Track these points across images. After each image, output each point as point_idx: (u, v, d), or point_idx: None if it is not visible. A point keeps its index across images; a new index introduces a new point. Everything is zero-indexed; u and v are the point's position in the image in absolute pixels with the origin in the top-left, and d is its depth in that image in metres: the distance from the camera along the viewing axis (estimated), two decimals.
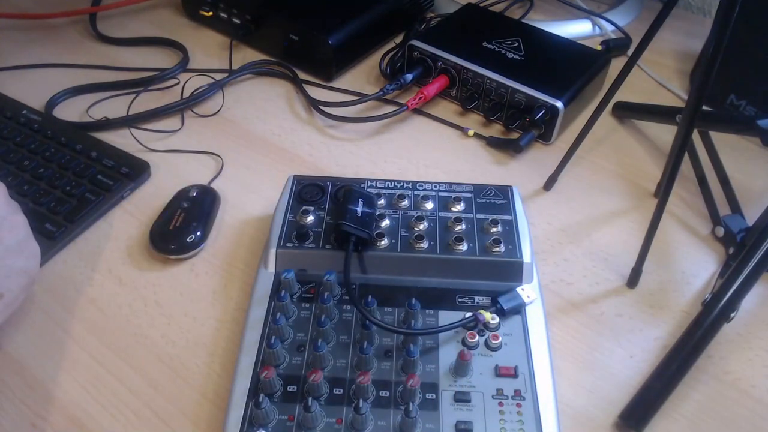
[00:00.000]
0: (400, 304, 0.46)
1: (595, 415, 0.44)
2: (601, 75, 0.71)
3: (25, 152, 0.62)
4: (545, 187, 0.62)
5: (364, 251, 0.48)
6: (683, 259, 0.55)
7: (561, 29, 0.80)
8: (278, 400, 0.41)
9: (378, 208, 0.51)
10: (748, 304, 0.50)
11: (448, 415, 0.40)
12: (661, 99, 0.74)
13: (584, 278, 0.53)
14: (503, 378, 0.42)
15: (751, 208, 0.57)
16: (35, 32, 0.82)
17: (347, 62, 0.76)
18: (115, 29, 0.82)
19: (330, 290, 0.46)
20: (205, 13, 0.82)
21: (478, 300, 0.47)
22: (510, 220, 0.50)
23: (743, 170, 0.63)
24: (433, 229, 0.50)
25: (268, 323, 0.44)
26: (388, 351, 0.43)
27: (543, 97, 0.64)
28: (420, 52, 0.71)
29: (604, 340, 0.49)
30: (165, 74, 0.74)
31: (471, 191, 0.53)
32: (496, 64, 0.68)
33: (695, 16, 0.92)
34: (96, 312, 0.50)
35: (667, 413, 0.44)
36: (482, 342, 0.44)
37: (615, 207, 0.60)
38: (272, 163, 0.63)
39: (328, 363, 0.43)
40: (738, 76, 0.67)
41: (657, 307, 0.51)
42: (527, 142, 0.64)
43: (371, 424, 0.39)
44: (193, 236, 0.54)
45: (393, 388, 0.41)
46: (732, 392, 0.46)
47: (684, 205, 0.60)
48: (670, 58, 0.81)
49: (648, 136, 0.68)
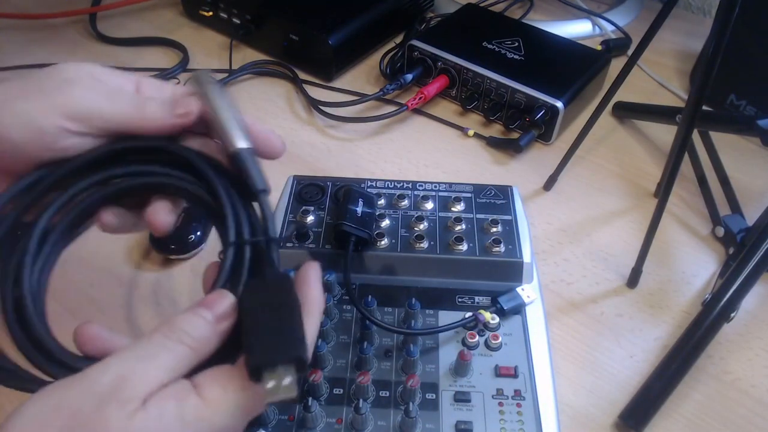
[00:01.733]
0: (400, 304, 0.46)
1: (595, 415, 0.44)
2: (601, 75, 0.71)
3: None
4: (545, 187, 0.62)
5: (364, 251, 0.48)
6: (683, 259, 0.55)
7: (561, 29, 0.80)
8: None
9: (378, 208, 0.51)
10: (748, 304, 0.50)
11: (448, 415, 0.40)
12: (661, 99, 0.74)
13: (584, 278, 0.53)
14: (503, 378, 0.42)
15: (751, 208, 0.58)
16: (35, 32, 0.82)
17: (347, 62, 0.76)
18: (115, 29, 0.82)
19: (330, 290, 0.46)
20: (205, 13, 0.82)
21: (478, 300, 0.47)
22: (510, 220, 0.50)
23: (743, 170, 0.63)
24: (433, 229, 0.50)
25: None
26: (388, 351, 0.43)
27: (543, 97, 0.64)
28: (420, 52, 0.71)
29: (604, 340, 0.49)
30: (165, 74, 0.74)
31: (471, 191, 0.53)
32: (496, 64, 0.68)
33: (695, 16, 0.92)
34: (96, 312, 0.50)
35: (667, 413, 0.44)
36: (482, 342, 0.44)
37: (615, 207, 0.60)
38: (272, 163, 0.63)
39: (328, 363, 0.43)
40: (738, 76, 0.67)
41: (657, 307, 0.51)
42: (527, 142, 0.64)
43: (371, 424, 0.39)
44: (193, 236, 0.54)
45: (393, 388, 0.41)
46: (732, 392, 0.46)
47: (684, 205, 0.60)
48: (670, 58, 0.81)
49: (648, 136, 0.68)
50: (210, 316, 0.29)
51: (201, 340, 0.29)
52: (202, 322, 0.29)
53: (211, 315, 0.29)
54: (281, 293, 0.29)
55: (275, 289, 0.30)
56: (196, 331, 0.29)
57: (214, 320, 0.29)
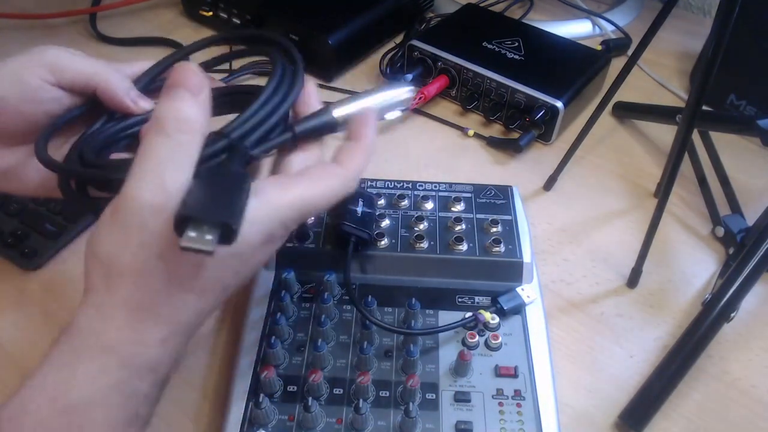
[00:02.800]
0: (400, 304, 0.46)
1: (595, 415, 0.44)
2: (601, 75, 0.71)
3: None
4: (545, 187, 0.62)
5: (364, 251, 0.48)
6: (683, 259, 0.55)
7: (561, 29, 0.80)
8: (278, 400, 0.41)
9: (378, 208, 0.51)
10: (748, 304, 0.50)
11: (448, 415, 0.40)
12: (661, 99, 0.74)
13: (584, 278, 0.53)
14: (503, 378, 0.42)
15: (751, 208, 0.57)
16: (35, 32, 0.82)
17: (347, 62, 0.76)
18: (115, 29, 0.82)
19: (330, 290, 0.46)
20: (205, 13, 0.82)
21: (478, 300, 0.47)
22: (510, 220, 0.50)
23: (743, 170, 0.63)
24: (433, 229, 0.50)
25: (268, 323, 0.44)
26: (388, 351, 0.44)
27: (543, 97, 0.64)
28: (420, 52, 0.71)
29: (604, 340, 0.49)
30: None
31: (471, 191, 0.53)
32: (496, 64, 0.68)
33: (695, 16, 0.92)
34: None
35: (667, 413, 0.44)
36: (482, 342, 0.44)
37: (615, 207, 0.60)
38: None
39: (328, 363, 0.43)
40: (738, 76, 0.67)
41: (657, 307, 0.51)
42: (527, 142, 0.64)
43: (371, 424, 0.39)
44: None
45: (393, 388, 0.41)
46: (732, 392, 0.46)
47: (684, 205, 0.60)
48: (670, 58, 0.81)
49: (648, 136, 0.68)
50: (185, 93, 0.31)
51: (195, 121, 0.31)
52: (184, 103, 0.31)
53: (185, 91, 0.31)
54: (236, 180, 0.31)
55: (233, 176, 0.31)
56: (183, 112, 0.30)
57: (191, 95, 0.31)
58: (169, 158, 0.29)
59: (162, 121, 0.30)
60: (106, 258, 0.30)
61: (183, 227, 0.27)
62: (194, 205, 0.28)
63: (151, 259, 0.29)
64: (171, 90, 0.31)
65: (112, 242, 0.30)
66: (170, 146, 0.30)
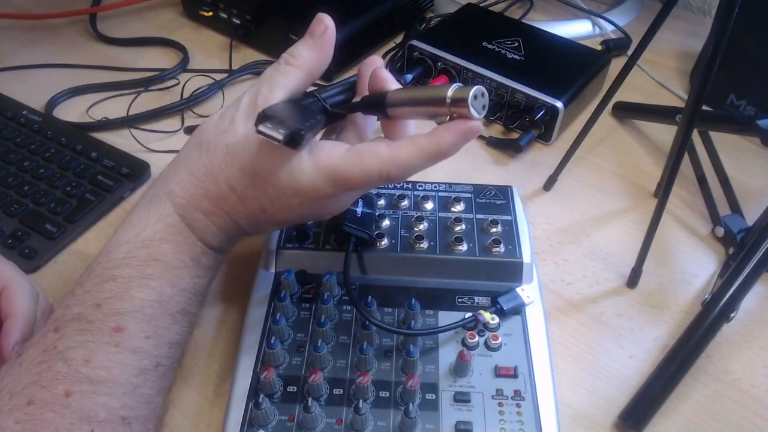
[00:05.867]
0: (400, 304, 0.46)
1: (595, 415, 0.44)
2: (601, 75, 0.71)
3: (26, 153, 0.62)
4: (545, 187, 0.62)
5: (364, 251, 0.48)
6: (683, 259, 0.55)
7: (561, 29, 0.80)
8: (278, 400, 0.41)
9: (378, 208, 0.51)
10: (748, 304, 0.50)
11: (447, 416, 0.40)
12: (661, 99, 0.74)
13: (584, 278, 0.53)
14: (503, 378, 0.42)
15: (751, 208, 0.57)
16: (35, 32, 0.82)
17: (347, 62, 0.76)
18: (115, 29, 0.82)
19: (330, 291, 0.46)
20: (205, 13, 0.82)
21: (477, 300, 0.47)
22: (510, 221, 0.50)
23: (743, 170, 0.63)
24: (433, 230, 0.50)
25: (268, 324, 0.45)
26: (388, 351, 0.44)
27: (543, 97, 0.64)
28: (420, 52, 0.71)
29: (604, 340, 0.49)
30: (165, 74, 0.74)
31: (471, 191, 0.53)
32: (496, 64, 0.68)
33: (695, 16, 0.92)
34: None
35: (667, 413, 0.44)
36: (482, 342, 0.44)
37: (615, 207, 0.60)
38: None
39: (328, 363, 0.43)
40: (738, 76, 0.67)
41: (657, 307, 0.51)
42: (527, 142, 0.64)
43: (371, 425, 0.39)
44: None
45: (393, 389, 0.41)
46: (732, 392, 0.46)
47: (684, 205, 0.60)
48: (670, 58, 0.81)
49: (648, 136, 0.68)
50: (307, 36, 0.40)
51: (302, 57, 0.40)
52: (300, 42, 0.40)
53: (308, 35, 0.40)
54: (312, 112, 0.39)
55: (310, 109, 0.40)
56: (296, 49, 0.40)
57: (310, 36, 0.40)
58: (268, 78, 0.39)
59: (283, 59, 0.40)
60: (202, 132, 0.39)
61: (263, 122, 0.35)
62: (276, 111, 0.36)
63: (221, 146, 0.38)
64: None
65: (210, 123, 0.39)
66: (273, 70, 0.39)
